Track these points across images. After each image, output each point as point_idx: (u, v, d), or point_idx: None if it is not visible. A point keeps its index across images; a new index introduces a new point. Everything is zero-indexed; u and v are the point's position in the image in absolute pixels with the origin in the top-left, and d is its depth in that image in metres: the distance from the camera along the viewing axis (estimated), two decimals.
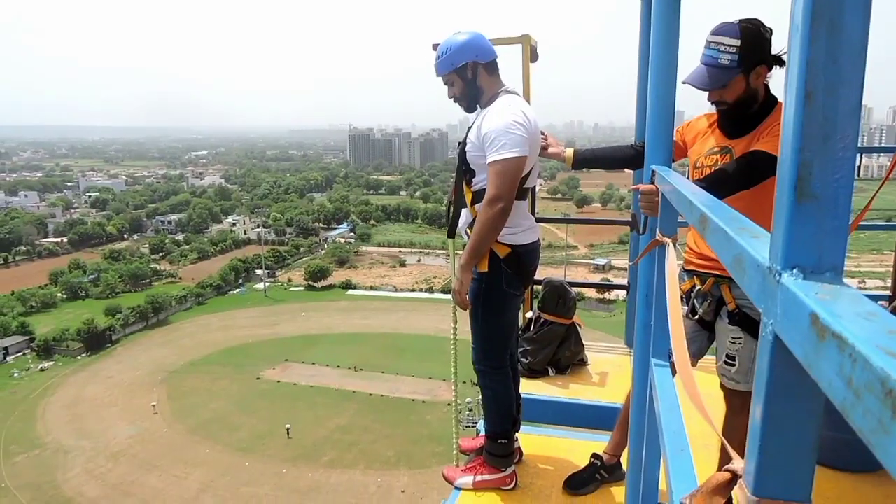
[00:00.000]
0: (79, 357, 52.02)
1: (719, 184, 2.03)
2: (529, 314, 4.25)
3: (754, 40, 2.12)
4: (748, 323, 2.29)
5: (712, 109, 2.38)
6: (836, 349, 0.42)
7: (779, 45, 2.20)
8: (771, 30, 2.17)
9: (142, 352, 52.91)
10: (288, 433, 38.36)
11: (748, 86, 2.18)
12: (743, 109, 2.25)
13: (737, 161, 2.15)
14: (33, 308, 60.31)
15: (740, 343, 2.33)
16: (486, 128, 2.57)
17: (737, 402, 2.40)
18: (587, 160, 2.88)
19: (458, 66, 2.65)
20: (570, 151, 2.85)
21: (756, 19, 2.16)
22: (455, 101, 2.75)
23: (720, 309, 2.42)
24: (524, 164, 2.59)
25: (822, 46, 0.55)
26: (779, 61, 2.19)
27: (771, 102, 2.25)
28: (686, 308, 2.50)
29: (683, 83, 2.15)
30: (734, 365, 2.35)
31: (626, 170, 2.94)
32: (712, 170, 2.31)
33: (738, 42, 2.10)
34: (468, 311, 2.82)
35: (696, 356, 2.51)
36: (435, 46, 2.78)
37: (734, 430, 2.32)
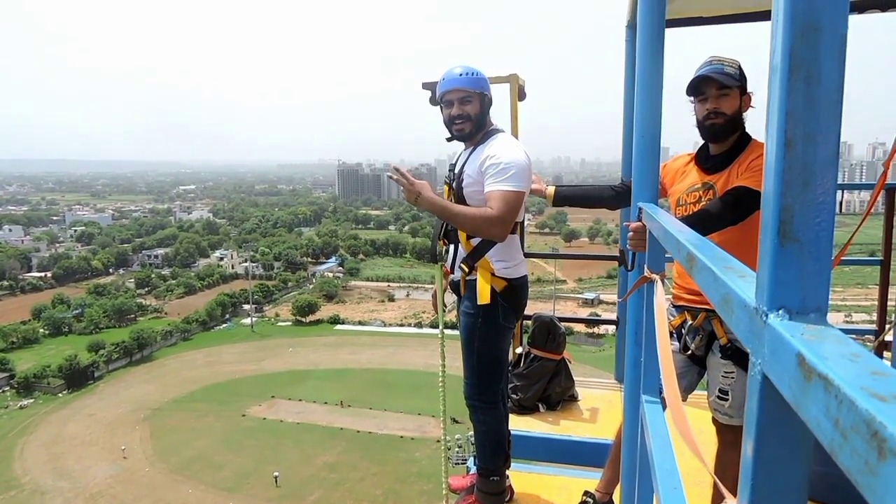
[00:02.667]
0: (60, 394, 50.91)
1: (706, 221, 2.07)
2: (519, 350, 4.23)
3: (743, 71, 2.31)
4: (740, 357, 2.30)
5: (693, 146, 2.45)
6: (822, 390, 0.43)
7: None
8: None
9: (125, 388, 51.90)
10: (276, 482, 36.75)
11: (740, 107, 2.32)
12: (732, 129, 2.34)
13: (721, 199, 2.19)
14: (14, 344, 59.16)
15: (733, 377, 2.33)
16: (494, 157, 2.61)
17: (729, 436, 2.38)
18: (567, 198, 2.92)
19: (483, 91, 2.73)
20: (551, 189, 2.90)
21: None
22: (461, 119, 2.73)
23: (711, 343, 2.42)
24: (523, 200, 2.66)
25: (801, 97, 0.58)
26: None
27: (746, 139, 2.36)
28: (677, 344, 2.51)
29: (697, 76, 2.29)
30: (727, 399, 2.35)
31: (605, 209, 2.99)
32: (696, 206, 2.37)
33: (737, 63, 2.30)
34: (462, 345, 2.81)
35: (686, 391, 2.51)
36: (425, 85, 2.82)
37: (728, 466, 2.30)
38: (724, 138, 2.36)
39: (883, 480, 0.35)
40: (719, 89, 2.28)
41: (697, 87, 2.32)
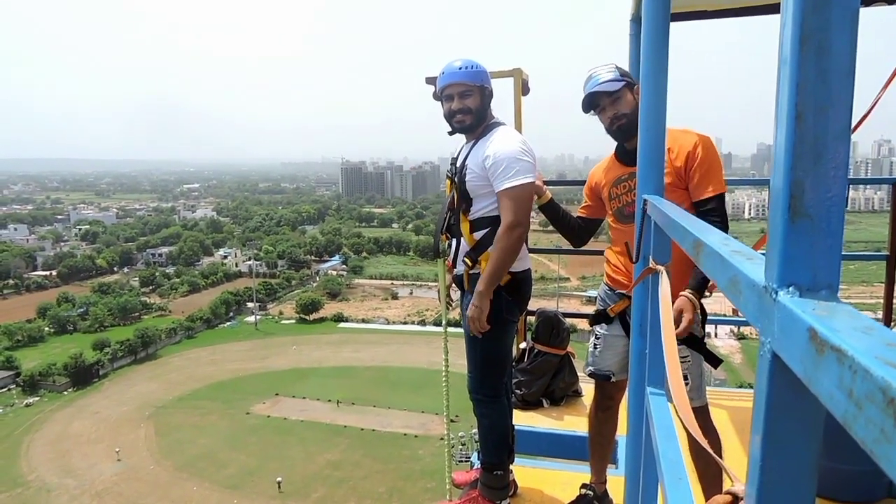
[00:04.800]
0: (65, 392, 51.18)
1: None
2: (523, 345, 4.23)
3: (620, 69, 2.53)
4: (693, 341, 2.40)
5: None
6: (835, 362, 0.43)
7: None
8: None
9: (129, 386, 52.12)
10: (279, 487, 36.42)
11: (636, 101, 2.46)
12: (635, 126, 2.40)
13: (709, 217, 2.31)
14: (20, 342, 59.48)
15: (689, 361, 2.41)
16: (494, 155, 2.61)
17: (698, 421, 2.43)
18: (551, 211, 2.96)
19: (484, 84, 2.73)
20: (548, 194, 2.94)
21: None
22: (461, 112, 2.72)
23: None
24: (534, 190, 2.67)
25: (811, 69, 0.57)
26: None
27: None
28: (620, 329, 2.67)
29: (586, 96, 2.52)
30: (688, 383, 2.40)
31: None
32: (628, 195, 2.56)
33: (610, 66, 2.51)
34: (465, 339, 2.81)
35: (624, 371, 2.57)
36: (428, 80, 2.81)
37: (703, 452, 2.35)
38: (634, 134, 2.43)
39: None
40: (610, 96, 2.48)
41: (591, 104, 2.53)
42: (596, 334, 2.79)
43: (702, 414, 2.45)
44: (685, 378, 2.40)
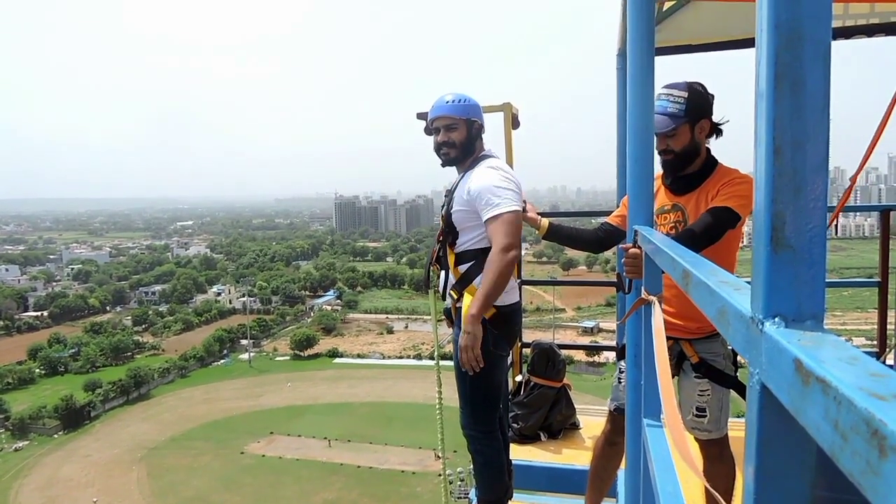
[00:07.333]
0: (55, 435, 50.21)
1: (689, 243, 2.09)
2: (519, 378, 4.20)
3: (699, 97, 2.36)
4: (714, 374, 2.38)
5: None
6: (820, 393, 0.43)
7: (718, 112, 2.41)
8: (713, 95, 2.40)
9: (121, 428, 51.23)
10: None
11: (693, 137, 2.37)
12: (686, 161, 2.41)
13: (703, 219, 2.25)
14: (10, 385, 58.52)
15: (709, 394, 2.40)
16: (478, 186, 2.62)
17: (714, 450, 2.44)
18: (557, 234, 2.90)
19: (471, 118, 2.75)
20: (545, 221, 2.89)
21: (701, 83, 2.40)
22: (446, 146, 2.76)
23: (681, 364, 2.47)
24: (521, 218, 2.67)
25: (787, 105, 0.59)
26: (718, 130, 2.42)
27: (712, 164, 2.44)
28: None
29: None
30: (705, 416, 2.40)
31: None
32: (665, 227, 2.46)
33: (685, 94, 2.34)
34: (455, 374, 2.78)
35: None
36: (420, 115, 2.85)
37: (716, 478, 2.35)
38: (677, 172, 2.45)
39: (885, 479, 0.34)
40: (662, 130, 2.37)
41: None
42: (621, 369, 2.75)
43: (718, 444, 2.43)
44: (703, 412, 2.40)
